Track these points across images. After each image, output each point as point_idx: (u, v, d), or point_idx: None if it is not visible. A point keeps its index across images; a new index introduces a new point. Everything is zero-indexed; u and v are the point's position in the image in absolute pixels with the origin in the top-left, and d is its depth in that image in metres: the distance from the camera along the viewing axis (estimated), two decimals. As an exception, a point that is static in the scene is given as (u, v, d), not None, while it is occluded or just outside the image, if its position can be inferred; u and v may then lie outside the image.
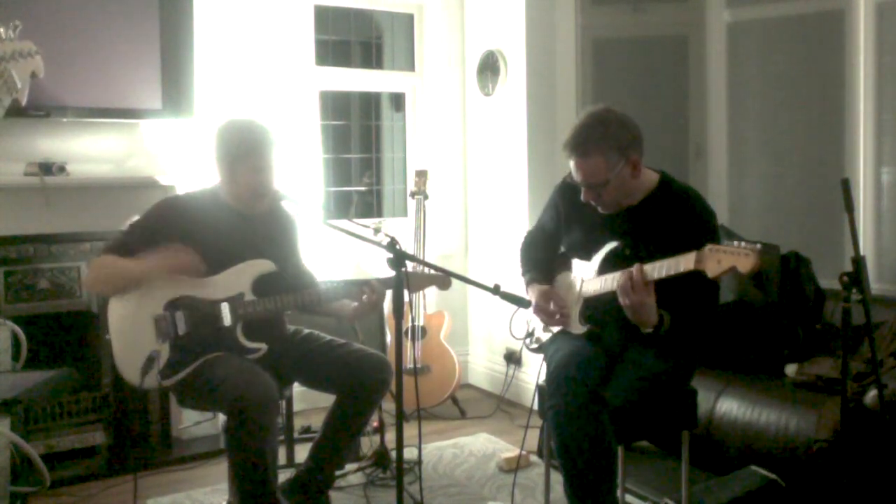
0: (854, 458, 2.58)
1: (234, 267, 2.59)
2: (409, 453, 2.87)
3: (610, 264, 2.38)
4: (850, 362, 2.32)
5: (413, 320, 4.11)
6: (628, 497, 2.86)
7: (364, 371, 2.65)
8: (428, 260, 3.89)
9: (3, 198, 3.35)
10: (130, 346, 2.51)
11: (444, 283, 2.78)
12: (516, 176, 4.28)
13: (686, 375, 2.50)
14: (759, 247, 1.95)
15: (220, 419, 3.67)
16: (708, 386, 3.06)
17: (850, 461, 2.56)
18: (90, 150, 3.62)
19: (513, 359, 4.33)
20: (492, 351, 4.60)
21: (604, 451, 2.23)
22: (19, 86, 1.66)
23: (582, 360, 2.33)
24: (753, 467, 2.82)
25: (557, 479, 2.87)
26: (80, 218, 3.54)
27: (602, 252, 2.42)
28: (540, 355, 2.62)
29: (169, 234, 2.55)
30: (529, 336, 2.69)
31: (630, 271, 2.20)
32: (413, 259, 2.34)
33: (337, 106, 4.89)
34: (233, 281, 2.58)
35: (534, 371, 2.96)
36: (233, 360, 2.50)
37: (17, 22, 1.70)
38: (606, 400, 2.26)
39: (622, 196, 2.37)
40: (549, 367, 2.41)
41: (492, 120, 4.49)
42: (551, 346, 2.52)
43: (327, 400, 2.75)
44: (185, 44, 3.67)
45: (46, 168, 3.38)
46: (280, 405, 2.58)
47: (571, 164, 2.37)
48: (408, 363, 4.04)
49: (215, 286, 2.56)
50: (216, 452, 3.50)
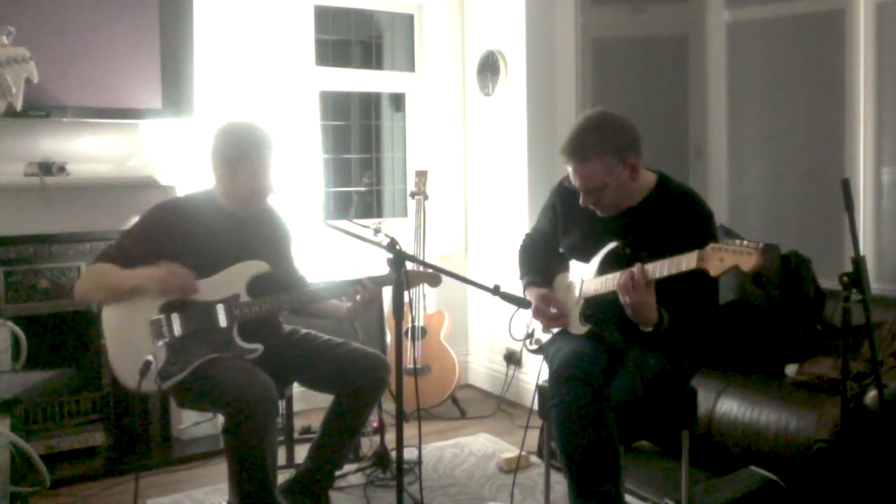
0: (854, 458, 2.58)
1: (229, 268, 2.59)
2: (409, 453, 2.87)
3: (609, 265, 2.38)
4: (850, 362, 2.32)
5: (413, 320, 4.11)
6: (628, 497, 2.86)
7: (362, 370, 2.66)
8: (428, 260, 3.89)
9: (3, 198, 3.35)
10: (127, 350, 2.51)
11: (434, 280, 2.80)
12: (516, 176, 4.28)
13: (686, 375, 2.50)
14: (762, 245, 1.95)
15: (220, 419, 3.66)
16: (708, 386, 3.06)
17: (850, 461, 2.56)
18: (90, 150, 3.62)
19: (513, 359, 4.33)
20: (492, 351, 4.60)
21: (607, 450, 2.23)
22: (14, 91, 1.68)
23: (584, 359, 2.33)
24: (753, 467, 2.82)
25: (557, 479, 2.88)
26: (80, 218, 3.54)
27: (601, 253, 2.42)
28: (540, 355, 2.62)
29: (164, 240, 2.56)
30: (529, 337, 2.69)
31: (631, 271, 2.20)
32: (413, 259, 2.35)
33: (337, 106, 4.89)
34: (227, 282, 2.58)
35: (534, 371, 2.96)
36: (231, 361, 2.51)
37: (10, 28, 1.72)
38: (607, 399, 2.26)
39: (621, 199, 2.37)
40: (550, 367, 2.41)
41: (492, 120, 4.49)
42: (552, 346, 2.52)
43: (327, 400, 2.75)
44: (185, 44, 3.66)
45: (46, 168, 3.38)
46: (279, 405, 2.58)
47: (569, 169, 2.36)
48: (408, 363, 4.03)
49: (210, 288, 2.57)
50: (216, 452, 3.49)
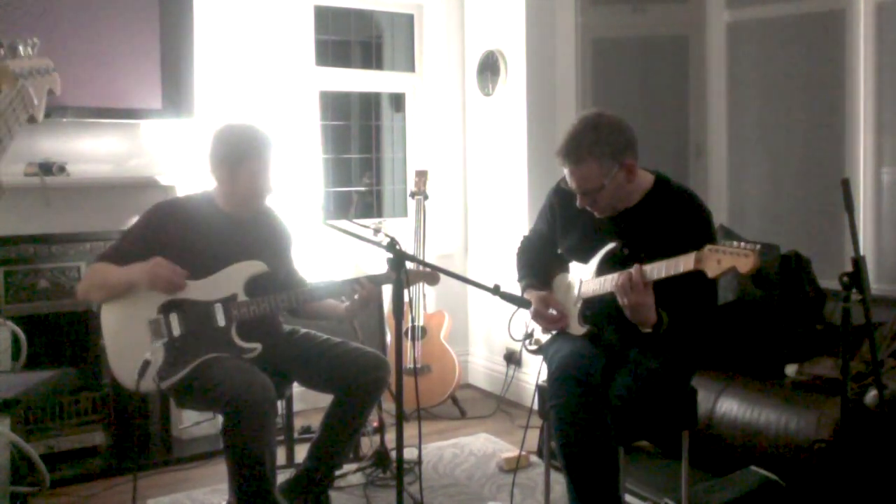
0: (854, 458, 2.58)
1: (227, 268, 2.60)
2: (409, 453, 2.87)
3: (608, 266, 2.38)
4: (850, 362, 2.32)
5: (413, 320, 4.11)
6: (628, 497, 2.86)
7: (361, 369, 2.66)
8: (428, 260, 3.89)
9: (3, 198, 3.35)
10: (126, 349, 2.51)
11: (432, 278, 2.79)
12: (516, 176, 4.28)
13: (686, 375, 2.49)
14: (759, 247, 1.95)
15: (220, 419, 3.67)
16: (708, 386, 3.06)
17: (850, 461, 2.56)
18: (90, 150, 3.62)
19: (513, 359, 4.33)
20: (492, 351, 4.60)
21: (606, 450, 2.23)
22: (35, 102, 1.65)
23: (583, 359, 2.33)
24: (753, 467, 2.82)
25: (557, 479, 2.88)
26: (80, 218, 3.54)
27: (600, 253, 2.42)
28: (539, 355, 2.62)
29: (162, 240, 2.56)
30: (528, 337, 2.69)
31: (629, 272, 2.20)
32: (413, 259, 2.35)
33: (337, 106, 4.89)
34: (226, 282, 2.59)
35: (534, 371, 2.95)
36: (229, 361, 2.51)
37: (35, 39, 1.71)
38: (607, 400, 2.26)
39: (618, 200, 2.37)
40: (549, 367, 2.41)
41: (492, 120, 4.49)
42: (551, 346, 2.52)
43: (327, 400, 2.75)
44: (185, 44, 3.66)
45: (46, 168, 3.38)
46: (277, 405, 2.58)
47: (565, 171, 2.36)
48: (408, 363, 4.03)
49: (208, 288, 2.57)
50: (216, 452, 3.49)
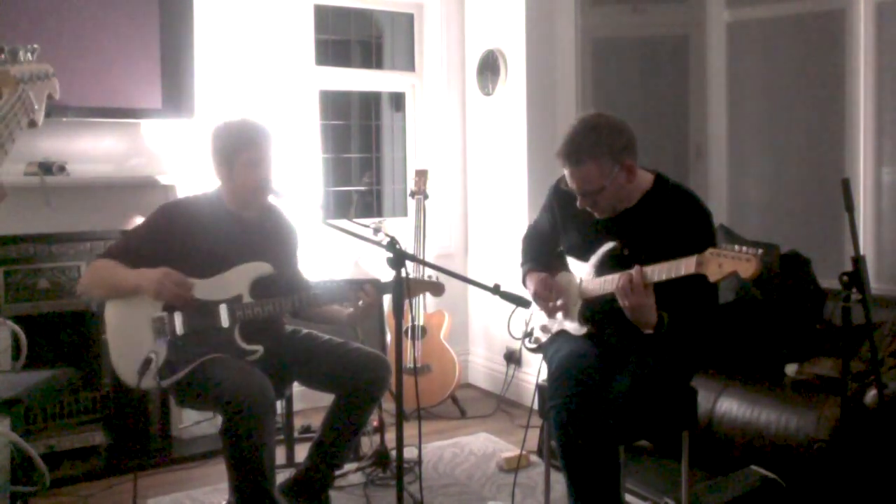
0: (854, 458, 2.58)
1: (233, 269, 2.59)
2: (409, 453, 2.87)
3: (608, 265, 2.38)
4: (850, 362, 2.32)
5: (413, 320, 4.11)
6: (628, 497, 2.86)
7: (362, 370, 2.66)
8: (427, 259, 3.90)
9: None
10: (128, 346, 2.51)
11: (436, 289, 2.77)
12: (516, 176, 4.28)
13: (686, 376, 2.50)
14: (761, 252, 1.95)
15: (220, 419, 3.67)
16: (708, 386, 3.06)
17: (850, 461, 2.56)
18: (90, 150, 3.62)
19: (513, 358, 4.33)
20: (492, 350, 4.60)
21: (606, 450, 2.23)
22: (36, 107, 1.69)
23: (583, 359, 2.33)
24: (753, 467, 2.82)
25: (557, 479, 2.88)
26: (80, 218, 3.54)
27: (599, 253, 2.41)
28: (539, 355, 2.62)
29: (169, 240, 2.55)
30: (528, 336, 2.69)
31: (630, 273, 2.20)
32: (413, 259, 2.34)
33: (337, 106, 4.89)
34: (231, 283, 2.58)
35: (534, 371, 2.95)
36: (230, 362, 2.50)
37: (35, 45, 1.74)
38: (607, 399, 2.26)
39: (618, 201, 2.36)
40: (549, 367, 2.41)
41: (492, 120, 4.49)
42: (551, 345, 2.52)
43: (327, 400, 2.75)
44: (185, 44, 3.66)
45: (46, 168, 3.38)
46: (276, 405, 2.58)
47: (565, 172, 2.35)
48: (408, 363, 4.03)
49: (213, 288, 2.56)
50: (216, 452, 3.48)
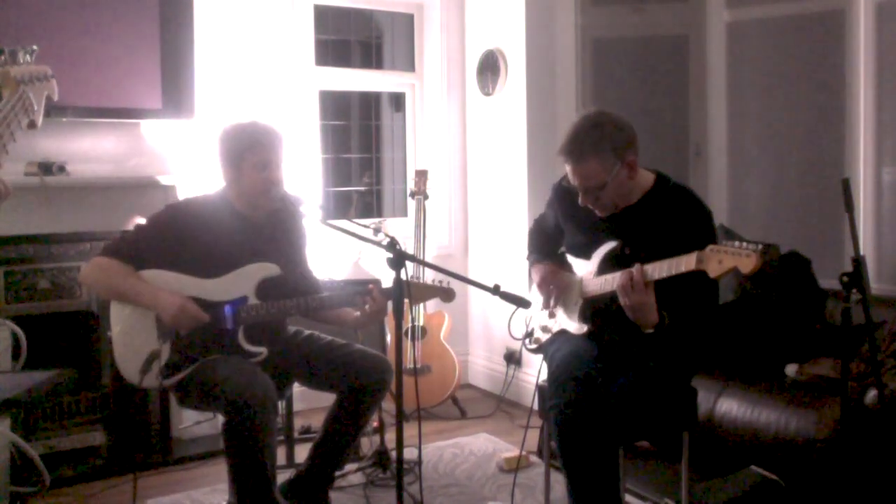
0: (854, 458, 2.58)
1: (239, 269, 2.58)
2: (409, 453, 2.87)
3: (609, 264, 2.38)
4: (850, 362, 2.32)
5: (413, 320, 4.11)
6: (628, 497, 2.86)
7: (364, 371, 2.65)
8: (427, 260, 3.89)
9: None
10: (132, 345, 2.51)
11: (447, 295, 2.76)
12: (516, 176, 4.28)
13: (686, 376, 2.50)
14: (761, 247, 1.95)
15: (220, 419, 3.67)
16: (708, 386, 3.06)
17: (850, 461, 2.56)
18: (90, 150, 3.62)
19: (513, 359, 4.33)
20: (492, 351, 4.60)
21: (606, 450, 2.23)
22: (36, 108, 1.72)
23: (583, 359, 2.33)
24: (753, 467, 2.82)
25: (557, 479, 2.87)
26: (80, 218, 3.54)
27: (600, 252, 2.42)
28: (539, 355, 2.62)
29: (176, 241, 2.54)
30: (528, 336, 2.69)
31: (630, 271, 2.20)
32: (413, 259, 2.34)
33: (337, 106, 4.90)
34: (237, 284, 2.57)
35: (534, 371, 2.96)
36: (232, 362, 2.50)
37: (34, 47, 1.77)
38: (607, 400, 2.26)
39: (619, 198, 2.37)
40: (550, 367, 2.41)
41: (492, 120, 4.49)
42: (552, 345, 2.52)
43: (327, 400, 2.75)
44: (185, 44, 3.67)
45: (46, 168, 3.38)
46: (278, 406, 2.58)
47: (568, 169, 2.35)
48: (408, 363, 4.03)
49: (219, 288, 2.56)
50: (216, 452, 3.48)
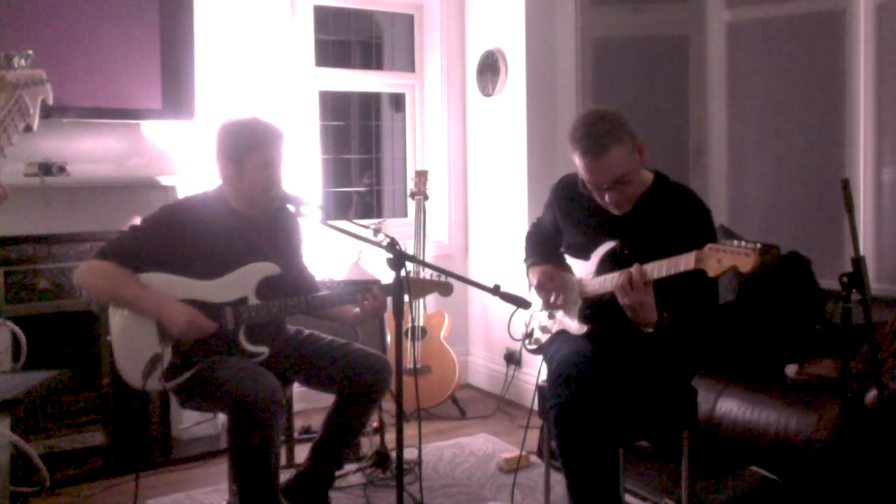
0: (854, 458, 2.58)
1: (239, 270, 2.57)
2: (409, 453, 2.87)
3: (608, 264, 2.38)
4: (850, 362, 2.32)
5: (413, 320, 4.11)
6: (628, 497, 2.86)
7: (364, 371, 2.65)
8: (427, 260, 3.89)
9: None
10: (132, 348, 2.50)
11: (445, 289, 2.76)
12: (516, 176, 4.28)
13: (687, 375, 2.50)
14: (760, 246, 1.95)
15: (220, 419, 3.67)
16: (708, 386, 3.06)
17: (849, 461, 2.56)
18: (90, 151, 3.62)
19: (513, 359, 4.33)
20: (492, 351, 4.60)
21: (606, 450, 2.23)
22: (31, 111, 1.74)
23: (583, 359, 2.33)
24: (753, 467, 2.82)
25: (557, 479, 2.87)
26: (81, 218, 3.54)
27: (600, 251, 2.42)
28: (539, 355, 2.62)
29: (174, 242, 2.54)
30: (528, 337, 2.69)
31: (629, 271, 2.20)
32: (413, 259, 2.34)
33: (337, 106, 4.90)
34: (237, 284, 2.57)
35: (534, 371, 2.96)
36: (234, 362, 2.50)
37: (29, 51, 1.79)
38: (607, 400, 2.26)
39: (639, 187, 2.37)
40: (549, 367, 2.41)
41: (492, 120, 4.49)
42: (551, 346, 2.52)
43: (327, 400, 2.75)
44: (185, 44, 3.67)
45: (46, 168, 3.37)
46: (284, 405, 2.58)
47: (587, 168, 2.30)
48: (408, 363, 4.03)
49: (219, 289, 2.55)
50: (216, 452, 3.49)
